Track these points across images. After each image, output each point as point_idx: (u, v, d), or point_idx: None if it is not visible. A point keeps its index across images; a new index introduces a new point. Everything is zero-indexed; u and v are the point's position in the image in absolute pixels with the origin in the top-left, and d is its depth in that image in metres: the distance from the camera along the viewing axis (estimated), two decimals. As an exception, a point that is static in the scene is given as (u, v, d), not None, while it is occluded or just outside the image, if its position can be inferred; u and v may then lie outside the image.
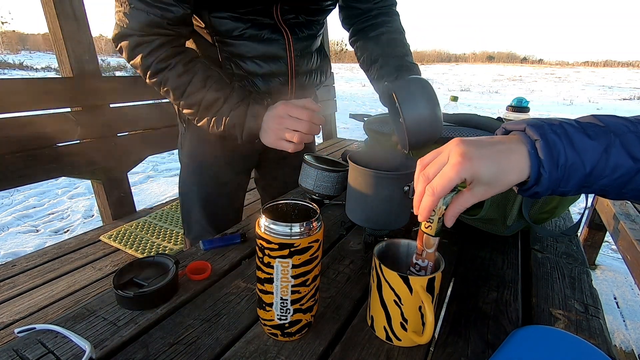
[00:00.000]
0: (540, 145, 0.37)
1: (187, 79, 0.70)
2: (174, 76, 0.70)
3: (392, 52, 0.85)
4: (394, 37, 0.88)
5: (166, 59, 0.69)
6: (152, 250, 1.36)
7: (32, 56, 27.50)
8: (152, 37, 0.68)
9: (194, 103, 0.72)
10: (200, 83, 0.70)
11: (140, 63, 0.69)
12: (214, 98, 0.71)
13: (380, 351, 0.46)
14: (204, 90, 0.70)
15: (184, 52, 0.72)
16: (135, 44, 0.68)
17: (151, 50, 0.68)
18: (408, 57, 0.85)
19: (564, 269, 0.68)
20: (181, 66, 0.70)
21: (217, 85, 0.71)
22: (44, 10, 1.38)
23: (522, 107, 1.90)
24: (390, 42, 0.87)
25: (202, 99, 0.71)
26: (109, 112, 1.54)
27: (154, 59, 0.69)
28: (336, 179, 0.82)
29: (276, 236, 0.41)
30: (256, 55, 0.79)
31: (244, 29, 0.76)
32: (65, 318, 0.50)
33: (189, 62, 0.71)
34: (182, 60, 0.70)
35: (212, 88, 0.71)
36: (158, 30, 0.67)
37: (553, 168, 0.37)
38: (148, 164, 3.89)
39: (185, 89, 0.71)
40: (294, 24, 0.80)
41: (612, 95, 13.95)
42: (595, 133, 0.37)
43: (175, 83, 0.70)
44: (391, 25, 0.90)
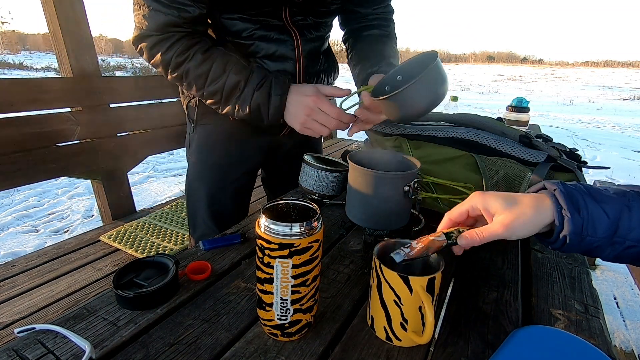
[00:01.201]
0: (558, 193, 0.43)
1: (207, 67, 0.71)
2: (194, 66, 0.71)
3: (382, 51, 0.87)
4: (386, 39, 0.91)
5: (184, 51, 0.70)
6: (152, 250, 1.36)
7: (32, 56, 27.50)
8: (170, 35, 0.69)
9: (217, 90, 0.72)
10: (220, 69, 0.71)
11: (160, 60, 0.71)
12: (236, 81, 0.71)
13: (380, 351, 0.46)
14: (224, 76, 0.71)
15: (201, 42, 0.73)
16: (154, 43, 0.70)
17: (169, 45, 0.70)
18: (395, 59, 0.87)
19: (564, 269, 0.68)
20: (200, 55, 0.71)
21: (237, 68, 0.71)
22: (44, 10, 1.38)
23: (522, 107, 1.90)
24: (381, 43, 0.90)
25: (224, 84, 0.71)
26: (109, 112, 1.54)
27: (173, 53, 0.70)
28: (336, 179, 0.82)
29: (276, 236, 0.41)
30: (265, 56, 0.80)
31: (253, 30, 0.77)
32: (65, 318, 0.50)
33: (206, 51, 0.72)
34: (200, 49, 0.71)
35: (232, 71, 0.71)
36: (176, 29, 0.69)
37: (574, 211, 0.41)
38: (148, 164, 3.89)
39: (207, 78, 0.71)
40: (302, 25, 0.81)
41: (612, 95, 13.95)
42: (611, 192, 0.42)
43: (196, 73, 0.71)
44: (385, 29, 0.93)
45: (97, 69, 1.52)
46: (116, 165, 1.60)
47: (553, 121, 7.66)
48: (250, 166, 0.99)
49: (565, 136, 6.11)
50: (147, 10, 0.67)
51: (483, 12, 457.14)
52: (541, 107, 9.63)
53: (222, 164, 0.94)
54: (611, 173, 3.90)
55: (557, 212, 0.42)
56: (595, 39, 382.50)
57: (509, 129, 0.78)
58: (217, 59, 0.71)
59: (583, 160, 0.73)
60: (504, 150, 0.76)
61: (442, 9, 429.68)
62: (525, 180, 0.71)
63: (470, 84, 17.32)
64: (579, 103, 11.14)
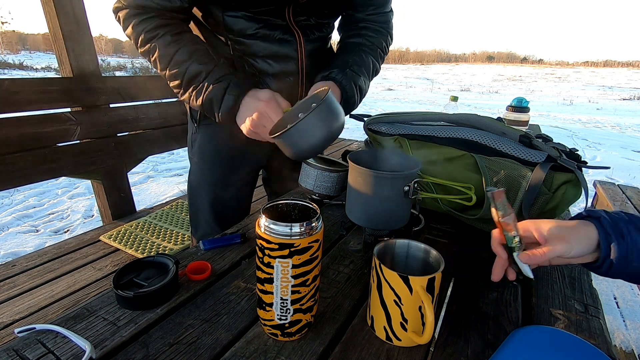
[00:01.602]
0: (603, 220, 0.46)
1: (174, 49, 0.70)
2: (162, 45, 0.71)
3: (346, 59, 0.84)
4: (363, 49, 0.88)
5: (155, 28, 0.70)
6: (152, 250, 1.36)
7: (32, 56, 27.51)
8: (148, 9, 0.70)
9: (178, 74, 0.71)
10: (186, 55, 0.70)
11: (131, 32, 0.71)
12: (197, 71, 0.70)
13: (380, 351, 0.46)
14: (188, 62, 0.70)
15: (174, 24, 0.73)
16: (130, 14, 0.70)
17: (142, 20, 0.70)
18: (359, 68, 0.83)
19: (564, 269, 0.68)
20: (169, 36, 0.71)
21: (202, 59, 0.71)
22: (44, 10, 1.38)
23: (522, 107, 1.90)
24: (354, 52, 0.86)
25: (186, 70, 0.70)
26: (109, 112, 1.54)
27: (144, 28, 0.70)
28: (336, 179, 0.82)
29: (276, 236, 0.41)
30: (268, 55, 0.80)
31: (257, 29, 0.77)
32: (65, 318, 0.50)
33: (178, 34, 0.72)
34: (171, 31, 0.71)
35: (196, 60, 0.70)
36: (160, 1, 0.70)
37: (619, 237, 0.44)
38: (148, 164, 3.89)
39: (171, 59, 0.71)
40: (305, 25, 0.82)
41: (612, 95, 13.95)
42: None
43: (162, 51, 0.71)
44: (370, 39, 0.90)
45: (97, 69, 1.52)
46: (116, 165, 1.60)
47: (553, 121, 7.66)
48: (253, 166, 0.99)
49: (565, 136, 6.11)
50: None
51: (483, 12, 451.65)
52: (541, 107, 9.63)
53: (225, 164, 0.94)
54: (611, 173, 3.90)
55: (602, 238, 0.45)
56: (595, 39, 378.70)
57: (509, 129, 0.78)
58: (185, 44, 0.71)
59: (583, 160, 0.73)
60: (504, 150, 0.76)
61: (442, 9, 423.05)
62: (525, 180, 0.71)
63: (470, 84, 17.33)
64: (579, 103, 11.14)
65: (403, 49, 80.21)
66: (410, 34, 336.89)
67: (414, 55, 71.13)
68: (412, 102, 10.40)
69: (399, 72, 25.78)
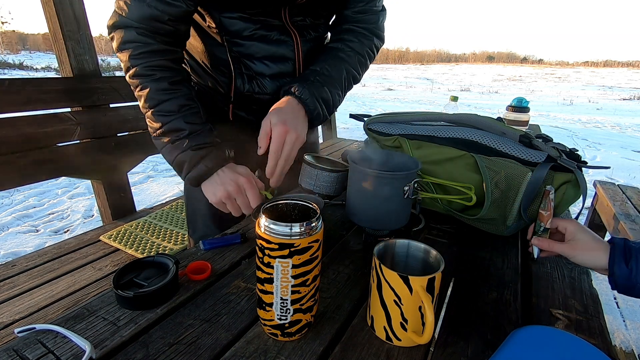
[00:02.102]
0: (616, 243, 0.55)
1: (166, 97, 0.68)
2: (155, 88, 0.68)
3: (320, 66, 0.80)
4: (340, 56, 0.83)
5: (154, 67, 0.68)
6: (152, 250, 1.36)
7: (32, 56, 27.51)
8: (149, 40, 0.67)
9: (160, 120, 0.69)
10: (176, 107, 0.68)
11: (127, 60, 0.68)
12: (180, 127, 0.68)
13: (380, 351, 0.46)
14: (175, 115, 0.68)
15: (175, 70, 0.70)
16: (129, 39, 0.66)
17: (142, 52, 0.67)
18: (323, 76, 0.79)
19: (564, 269, 0.68)
20: (166, 84, 0.68)
21: (191, 118, 0.69)
22: (44, 10, 1.38)
23: (522, 107, 1.90)
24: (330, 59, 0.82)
25: (169, 121, 0.68)
26: (109, 112, 1.54)
27: (142, 63, 0.67)
28: (336, 179, 0.82)
29: (276, 236, 0.41)
30: (265, 56, 0.80)
31: (253, 30, 0.77)
32: (65, 318, 0.50)
33: (175, 83, 0.69)
34: (170, 78, 0.69)
35: (184, 117, 0.69)
36: (157, 24, 0.66)
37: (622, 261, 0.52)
38: (148, 164, 3.89)
39: (158, 104, 0.68)
40: (301, 25, 0.81)
41: (612, 95, 13.94)
42: None
43: (153, 94, 0.68)
44: (350, 45, 0.85)
45: (97, 69, 1.52)
46: (116, 165, 1.60)
47: (553, 121, 7.66)
48: (250, 165, 0.99)
49: (565, 136, 6.11)
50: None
51: (483, 12, 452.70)
52: (541, 107, 9.63)
53: None
54: (611, 173, 3.90)
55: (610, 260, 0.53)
56: (595, 39, 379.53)
57: (509, 129, 0.78)
58: (179, 96, 0.69)
59: (583, 160, 0.73)
60: (504, 150, 0.76)
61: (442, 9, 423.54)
62: (525, 181, 0.71)
63: (470, 84, 17.32)
64: (579, 103, 11.13)
65: (403, 49, 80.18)
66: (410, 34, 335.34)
67: (414, 55, 71.08)
68: (412, 102, 10.39)
69: (399, 72, 25.79)
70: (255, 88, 0.82)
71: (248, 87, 0.82)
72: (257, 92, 0.83)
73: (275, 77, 0.82)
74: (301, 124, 0.73)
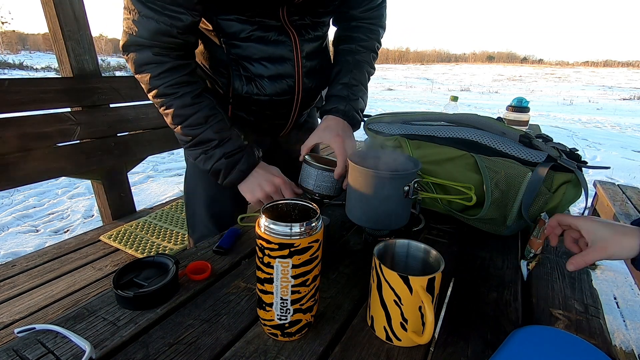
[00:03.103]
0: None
1: (191, 112, 0.72)
2: (179, 105, 0.71)
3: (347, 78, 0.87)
4: (358, 60, 0.89)
5: (175, 85, 0.70)
6: (152, 250, 1.36)
7: (32, 56, 27.52)
8: (164, 59, 0.68)
9: (190, 134, 0.74)
10: (202, 119, 0.73)
11: (147, 82, 0.70)
12: (210, 138, 0.74)
13: (380, 351, 0.46)
14: (203, 127, 0.73)
15: (194, 83, 0.73)
16: (145, 60, 0.68)
17: (161, 72, 0.69)
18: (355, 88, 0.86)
19: (564, 269, 0.68)
20: (189, 98, 0.72)
21: (218, 126, 0.74)
22: (44, 10, 1.38)
23: (522, 107, 1.90)
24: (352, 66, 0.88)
25: (199, 133, 0.73)
26: (109, 112, 1.54)
27: (163, 82, 0.70)
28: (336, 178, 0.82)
29: (276, 236, 0.41)
30: (263, 57, 0.79)
31: (251, 31, 0.76)
32: (65, 318, 0.50)
33: (197, 96, 0.73)
34: (192, 92, 0.72)
35: (212, 127, 0.74)
36: (167, 39, 0.67)
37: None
38: (148, 164, 3.89)
39: (185, 120, 0.73)
40: (300, 25, 0.80)
41: (612, 95, 13.94)
42: None
43: (178, 111, 0.72)
44: (363, 44, 0.89)
45: (97, 69, 1.52)
46: (116, 165, 1.60)
47: (553, 121, 7.66)
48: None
49: (565, 136, 6.11)
50: (138, 16, 0.65)
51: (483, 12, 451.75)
52: (541, 107, 9.63)
53: None
54: (611, 173, 3.90)
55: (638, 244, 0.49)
56: (595, 39, 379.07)
57: (509, 129, 0.78)
58: (203, 108, 0.73)
59: (583, 160, 0.73)
60: (504, 150, 0.76)
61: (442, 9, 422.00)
62: (525, 180, 0.71)
63: (470, 84, 17.33)
64: (579, 103, 11.13)
65: (403, 49, 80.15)
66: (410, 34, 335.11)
67: (414, 55, 71.05)
68: (412, 102, 10.40)
69: (399, 72, 25.79)
70: (254, 89, 0.82)
71: (247, 89, 0.82)
72: (255, 94, 0.82)
73: (274, 78, 0.82)
74: (350, 132, 0.84)
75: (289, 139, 1.00)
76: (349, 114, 0.84)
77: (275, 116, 0.89)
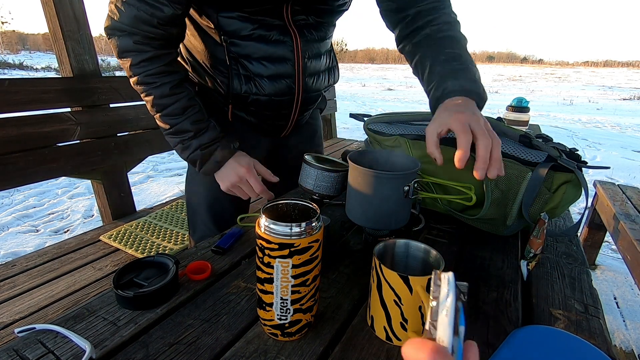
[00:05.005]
0: None
1: (170, 102, 0.73)
2: (158, 95, 0.72)
3: (435, 58, 0.72)
4: (437, 38, 0.75)
5: (154, 75, 0.71)
6: (152, 250, 1.36)
7: (32, 56, 27.52)
8: (144, 47, 0.69)
9: (168, 123, 0.75)
10: (180, 109, 0.74)
11: (128, 68, 0.71)
12: (187, 129, 0.75)
13: (380, 351, 0.46)
14: (181, 117, 0.74)
15: (174, 73, 0.74)
16: (126, 48, 0.69)
17: (141, 61, 0.70)
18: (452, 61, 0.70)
19: (564, 269, 0.68)
20: (167, 89, 0.72)
21: (195, 118, 0.75)
22: (44, 10, 1.38)
23: (522, 107, 1.90)
24: (430, 50, 0.74)
25: (177, 123, 0.75)
26: (109, 112, 1.54)
27: (143, 71, 0.70)
28: (336, 179, 0.82)
29: (276, 236, 0.41)
30: (263, 57, 0.79)
31: (252, 30, 0.75)
32: (65, 318, 0.50)
33: (175, 87, 0.73)
34: (170, 82, 0.72)
35: (189, 119, 0.75)
36: (148, 28, 0.67)
37: None
38: (148, 164, 3.89)
39: (164, 109, 0.74)
40: (303, 25, 0.79)
41: (612, 95, 13.94)
42: None
43: (157, 101, 0.73)
44: (435, 23, 0.76)
45: (97, 69, 1.52)
46: (116, 165, 1.60)
47: (553, 121, 7.66)
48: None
49: (565, 136, 6.11)
50: (121, 2, 0.66)
51: (483, 12, 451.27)
52: (541, 107, 9.63)
53: None
54: (611, 173, 3.90)
55: None
56: (595, 39, 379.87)
57: (509, 129, 0.78)
58: (181, 99, 0.74)
59: (583, 160, 0.73)
60: (504, 150, 0.76)
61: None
62: (525, 180, 0.71)
63: (470, 84, 17.28)
64: (579, 103, 11.13)
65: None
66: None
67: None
68: (412, 102, 10.39)
69: (399, 72, 25.78)
70: (252, 89, 0.81)
71: (245, 88, 0.81)
72: (254, 93, 0.82)
73: (273, 78, 0.81)
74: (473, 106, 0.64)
75: (290, 140, 1.00)
76: (465, 87, 0.65)
77: (275, 117, 0.89)
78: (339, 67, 0.98)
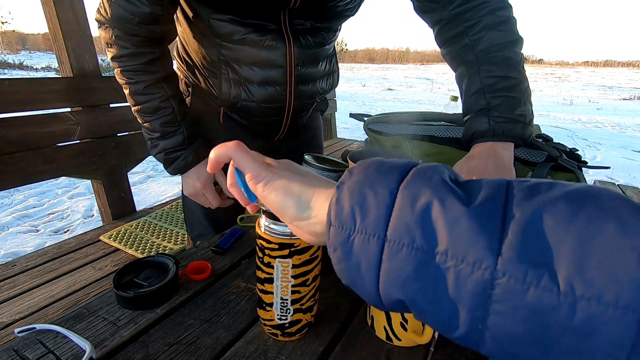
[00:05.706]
0: None
1: (143, 100, 0.75)
2: (133, 91, 0.74)
3: (470, 85, 0.71)
4: (478, 50, 0.71)
5: (132, 72, 0.72)
6: (152, 250, 1.36)
7: (32, 56, 27.53)
8: (125, 44, 0.70)
9: (140, 118, 0.78)
10: (152, 109, 0.75)
11: (110, 60, 0.73)
12: (155, 129, 0.77)
13: (380, 351, 0.46)
14: (152, 116, 0.76)
15: (152, 73, 0.74)
16: (109, 41, 0.70)
17: (122, 56, 0.71)
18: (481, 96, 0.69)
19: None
20: (142, 87, 0.73)
21: (164, 120, 0.76)
22: (44, 10, 1.38)
23: (522, 107, 1.90)
24: (471, 66, 0.71)
25: (147, 121, 0.77)
26: (109, 112, 1.54)
27: (123, 65, 0.72)
28: (336, 179, 0.82)
29: (276, 236, 0.41)
30: (253, 62, 0.76)
31: (244, 34, 0.72)
32: (65, 318, 0.50)
33: (150, 87, 0.74)
34: (146, 82, 0.73)
35: (159, 120, 0.76)
36: (128, 25, 0.67)
37: None
38: (148, 164, 3.89)
39: (137, 105, 0.75)
40: (299, 30, 0.75)
41: (612, 95, 13.95)
42: None
43: (132, 96, 0.75)
44: (475, 30, 0.71)
45: (97, 69, 1.52)
46: (116, 165, 1.60)
47: (553, 121, 7.66)
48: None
49: (565, 136, 6.11)
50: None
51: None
52: (541, 107, 9.63)
53: None
54: (611, 173, 3.90)
55: None
56: (595, 39, 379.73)
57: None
58: (155, 99, 0.75)
59: (583, 160, 0.73)
60: (504, 150, 0.76)
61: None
62: (525, 180, 0.71)
63: (470, 84, 17.29)
64: (579, 103, 11.13)
65: (403, 49, 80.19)
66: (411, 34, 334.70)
67: (414, 55, 71.09)
68: (412, 102, 10.40)
69: (399, 72, 25.79)
70: (242, 94, 0.79)
71: (235, 93, 0.79)
72: (244, 99, 0.79)
73: (262, 83, 0.78)
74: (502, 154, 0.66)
75: (287, 142, 0.99)
76: (498, 129, 0.66)
77: (267, 123, 0.87)
78: (339, 72, 0.94)
